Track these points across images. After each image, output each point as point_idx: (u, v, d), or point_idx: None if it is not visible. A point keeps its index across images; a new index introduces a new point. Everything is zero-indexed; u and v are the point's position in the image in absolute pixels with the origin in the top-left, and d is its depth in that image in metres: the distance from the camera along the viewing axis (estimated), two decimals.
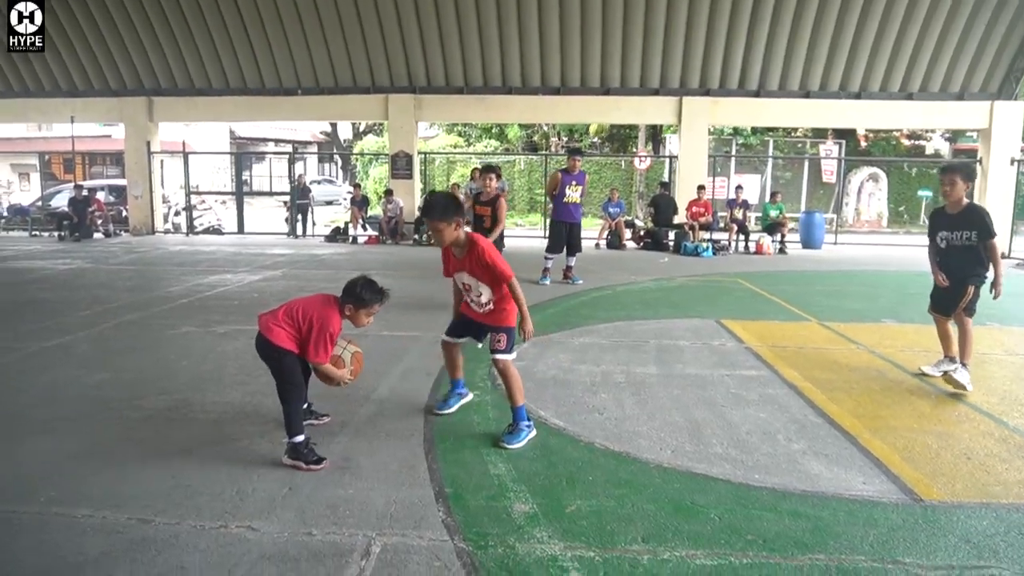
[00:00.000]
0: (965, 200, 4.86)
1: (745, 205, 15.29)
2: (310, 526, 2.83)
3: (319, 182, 33.25)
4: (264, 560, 2.57)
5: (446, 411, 4.22)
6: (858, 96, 15.72)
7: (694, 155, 15.98)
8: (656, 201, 15.67)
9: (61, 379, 4.89)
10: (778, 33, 14.99)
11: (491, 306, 3.89)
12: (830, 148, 24.26)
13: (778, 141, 25.79)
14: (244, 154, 23.54)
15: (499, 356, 3.82)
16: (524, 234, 18.67)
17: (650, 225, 15.66)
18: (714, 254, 13.64)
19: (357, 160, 30.35)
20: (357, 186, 18.63)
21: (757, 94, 15.76)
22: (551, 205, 9.53)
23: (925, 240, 5.25)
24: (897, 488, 3.30)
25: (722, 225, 15.41)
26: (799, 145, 26.58)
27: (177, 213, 19.00)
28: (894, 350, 5.91)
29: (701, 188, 15.07)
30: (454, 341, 4.18)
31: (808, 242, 15.76)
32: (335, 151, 38.29)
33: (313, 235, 17.45)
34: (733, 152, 24.11)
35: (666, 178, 18.08)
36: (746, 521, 2.94)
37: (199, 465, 3.42)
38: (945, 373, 4.89)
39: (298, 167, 18.80)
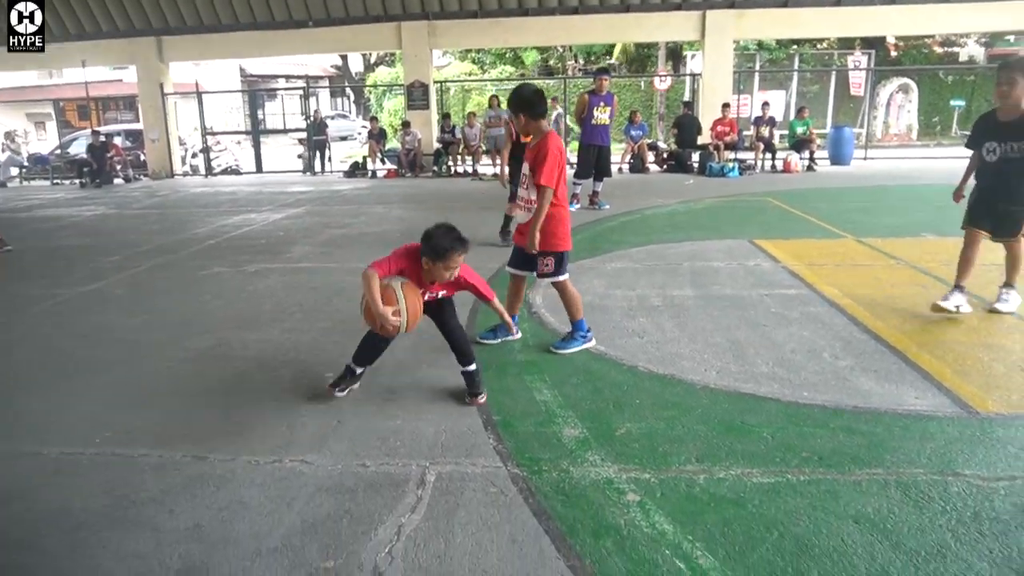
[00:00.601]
0: None
1: (771, 122, 14.84)
2: (363, 457, 2.85)
3: (332, 117, 32.84)
4: (321, 492, 2.59)
5: (490, 341, 4.20)
6: (892, 0, 14.98)
7: (718, 72, 15.45)
8: (679, 122, 15.25)
9: (102, 323, 4.93)
10: None
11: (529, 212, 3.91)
12: (859, 59, 23.33)
13: (804, 54, 24.85)
14: (257, 91, 23.19)
15: (552, 279, 3.96)
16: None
17: (673, 147, 15.31)
18: (741, 174, 13.34)
19: (371, 93, 29.82)
20: (374, 119, 18.35)
21: (785, 3, 15.09)
22: (579, 129, 9.30)
23: (957, 152, 4.87)
24: (951, 402, 3.24)
25: (748, 144, 15.02)
26: (826, 57, 25.61)
27: (194, 155, 18.91)
28: (936, 264, 5.77)
29: (726, 106, 14.62)
30: (518, 273, 4.15)
31: (837, 158, 15.34)
32: (347, 85, 37.64)
33: (332, 171, 17.32)
34: (757, 68, 23.32)
35: (688, 97, 17.58)
36: (799, 439, 2.91)
37: (247, 402, 3.44)
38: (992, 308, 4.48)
39: (311, 103, 18.48)
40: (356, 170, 16.34)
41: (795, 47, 24.48)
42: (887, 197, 10.07)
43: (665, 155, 15.27)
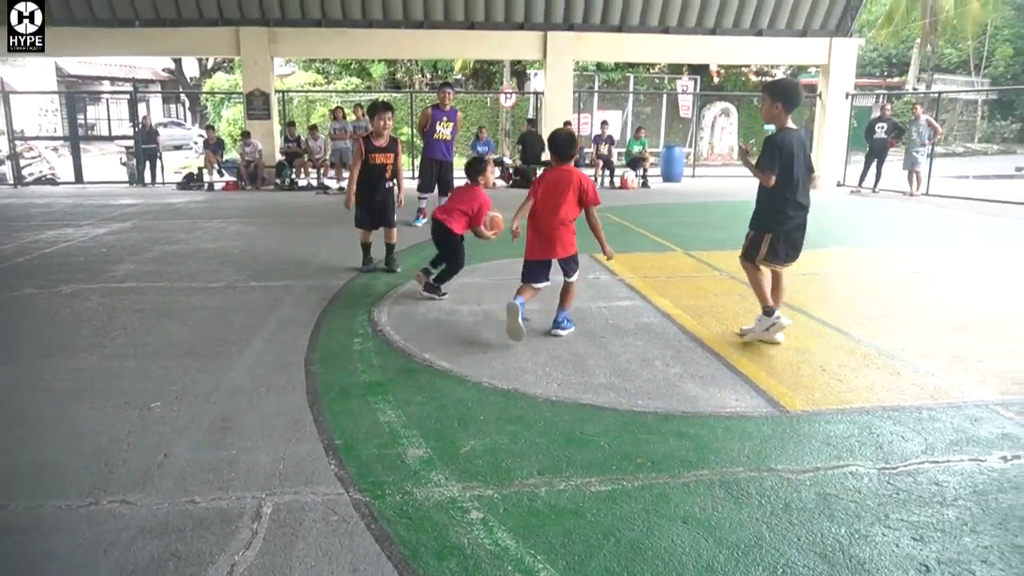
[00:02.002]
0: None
1: (610, 141, 15.63)
2: (192, 493, 2.67)
3: (165, 125, 30.77)
4: (144, 535, 2.40)
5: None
6: (713, 32, 16.27)
7: (560, 91, 16.05)
8: (524, 138, 15.70)
9: None
10: None
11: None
12: (686, 84, 25.15)
13: (638, 77, 26.43)
14: (77, 93, 21.26)
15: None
16: None
17: (519, 162, 15.71)
18: None
19: (207, 100, 28.25)
20: (210, 128, 17.37)
21: (619, 29, 15.96)
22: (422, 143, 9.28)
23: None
24: (765, 402, 3.55)
25: (588, 161, 15.71)
26: (657, 81, 27.38)
27: (0, 162, 17.01)
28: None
29: (567, 124, 15.21)
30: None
31: (669, 175, 16.40)
32: (181, 90, 35.43)
33: (163, 183, 16.20)
34: (596, 88, 24.48)
35: (532, 115, 18.12)
36: (634, 445, 3.06)
37: (58, 440, 3.13)
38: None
39: (140, 108, 17.20)
40: (191, 182, 15.39)
41: (630, 70, 25.97)
42: (711, 212, 10.89)
43: (511, 171, 15.63)
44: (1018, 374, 3.96)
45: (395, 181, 6.27)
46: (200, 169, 15.76)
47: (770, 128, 4.54)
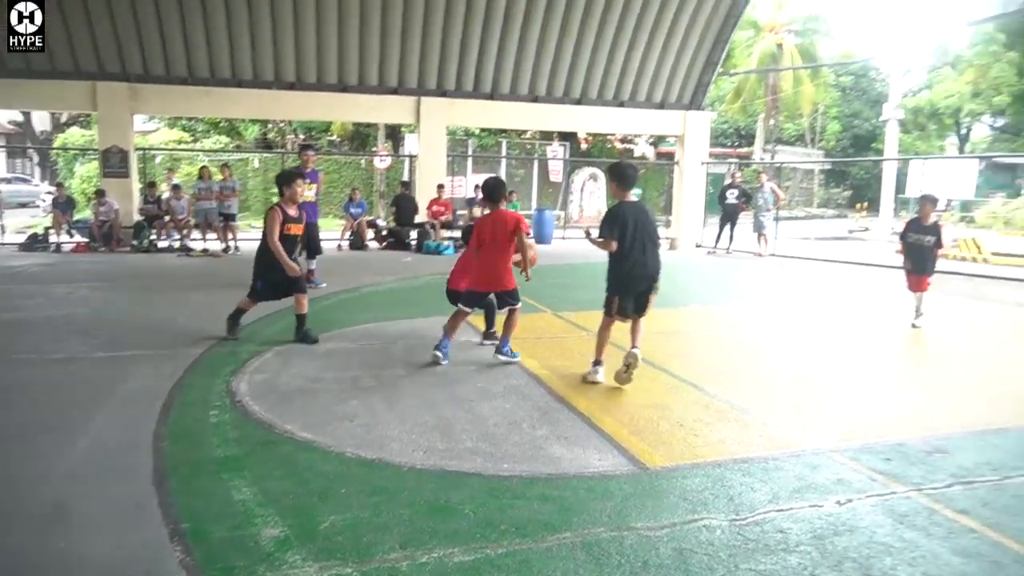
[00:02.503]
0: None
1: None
2: None
3: (9, 180, 28.55)
4: None
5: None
6: (579, 102, 17.14)
7: (433, 154, 16.30)
8: (397, 201, 15.75)
9: None
10: (508, 40, 15.82)
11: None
12: (556, 149, 26.22)
13: (511, 142, 27.31)
14: None
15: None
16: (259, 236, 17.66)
17: (392, 225, 15.70)
18: (455, 251, 14.06)
19: (59, 156, 26.48)
20: (60, 185, 16.26)
21: (491, 97, 16.49)
22: None
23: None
24: (627, 460, 3.65)
25: (461, 223, 15.92)
26: (529, 146, 28.39)
27: None
28: (619, 334, 6.52)
29: (440, 187, 15.44)
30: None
31: (540, 237, 16.87)
32: (29, 145, 33.05)
33: (3, 243, 14.90)
34: (470, 152, 25.06)
35: (406, 177, 18.24)
36: (499, 512, 3.05)
37: None
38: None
39: None
40: (35, 243, 14.23)
41: (503, 135, 26.81)
42: (580, 274, 11.25)
43: (384, 232, 15.58)
44: (852, 422, 4.31)
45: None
46: (47, 229, 14.64)
47: (636, 192, 5.10)
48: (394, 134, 26.80)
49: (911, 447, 3.89)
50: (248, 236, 16.18)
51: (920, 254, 7.36)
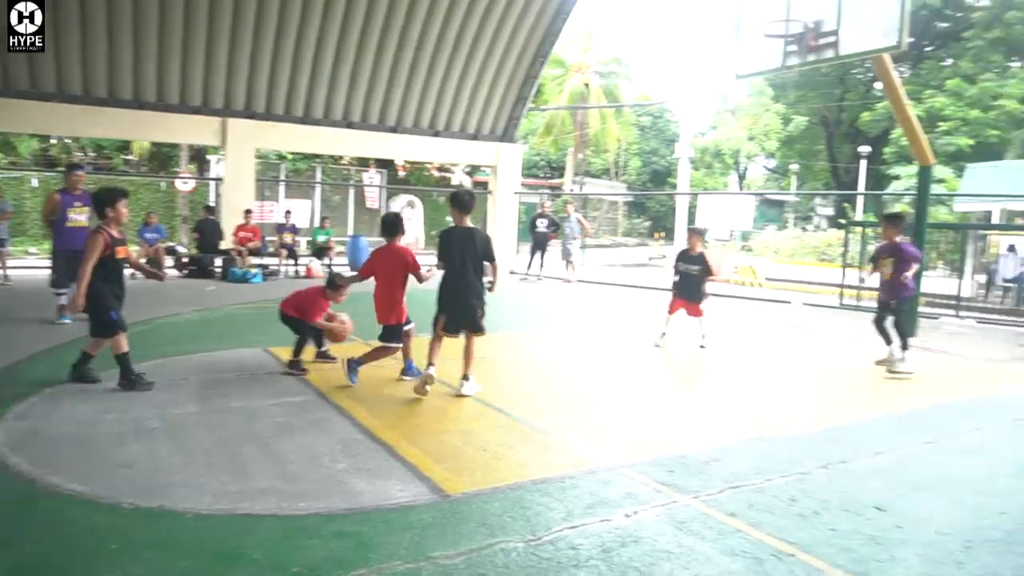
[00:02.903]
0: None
1: (294, 230, 15.40)
2: None
3: None
4: None
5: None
6: (394, 130, 17.15)
7: (240, 178, 15.51)
8: (200, 226, 14.79)
9: None
10: (321, 63, 15.49)
11: None
12: (373, 176, 26.02)
13: (326, 167, 26.69)
14: None
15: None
16: (38, 263, 15.80)
17: (194, 251, 14.70)
18: (263, 280, 13.43)
19: None
20: None
21: (303, 121, 16.04)
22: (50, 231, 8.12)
23: None
24: (428, 489, 3.63)
25: (272, 250, 15.27)
26: (345, 172, 27.92)
27: None
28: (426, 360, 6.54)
29: (248, 212, 14.72)
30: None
31: (355, 264, 16.55)
32: None
33: None
34: (282, 177, 24.15)
35: (212, 201, 17.22)
36: (292, 553, 2.91)
37: None
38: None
39: None
40: None
41: (317, 160, 26.15)
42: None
43: (186, 259, 14.54)
44: (643, 438, 4.61)
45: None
46: None
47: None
48: (200, 155, 25.23)
49: (692, 458, 4.23)
50: (22, 264, 14.46)
51: (689, 282, 7.91)
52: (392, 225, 5.82)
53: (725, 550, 3.08)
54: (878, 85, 27.35)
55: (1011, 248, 14.69)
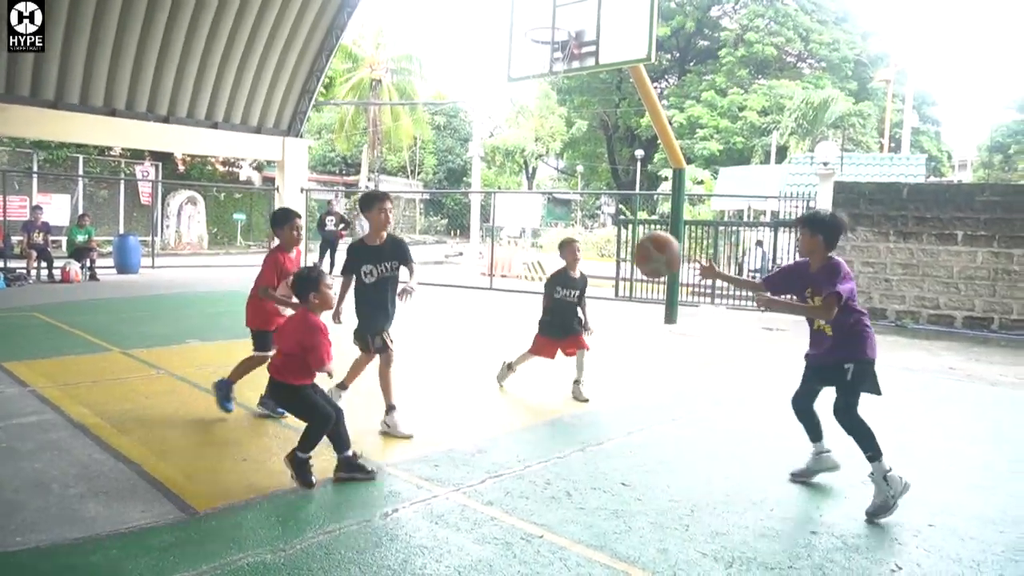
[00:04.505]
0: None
1: (46, 228, 13.70)
2: None
3: None
4: None
5: None
6: (167, 120, 15.85)
7: None
8: None
9: None
10: (75, 39, 13.87)
11: None
12: (147, 170, 23.86)
13: (90, 159, 24.00)
14: None
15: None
16: None
17: None
18: (8, 285, 11.82)
19: None
20: None
21: (54, 106, 14.31)
22: None
23: (243, 260, 5.40)
24: (175, 507, 3.39)
25: (18, 251, 13.46)
26: (114, 164, 25.31)
27: None
28: (192, 369, 6.13)
29: None
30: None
31: (124, 267, 15.11)
32: None
33: None
34: (36, 169, 21.38)
35: None
36: None
37: None
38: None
39: None
40: None
41: (80, 150, 23.44)
42: (164, 306, 10.36)
43: None
44: (415, 435, 4.64)
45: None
46: None
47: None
48: None
49: (458, 452, 4.33)
50: None
51: (566, 312, 5.88)
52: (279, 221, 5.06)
53: (478, 539, 3.19)
54: None
55: (758, 243, 16.71)
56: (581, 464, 4.23)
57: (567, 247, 5.92)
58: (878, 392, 3.76)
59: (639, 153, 36.62)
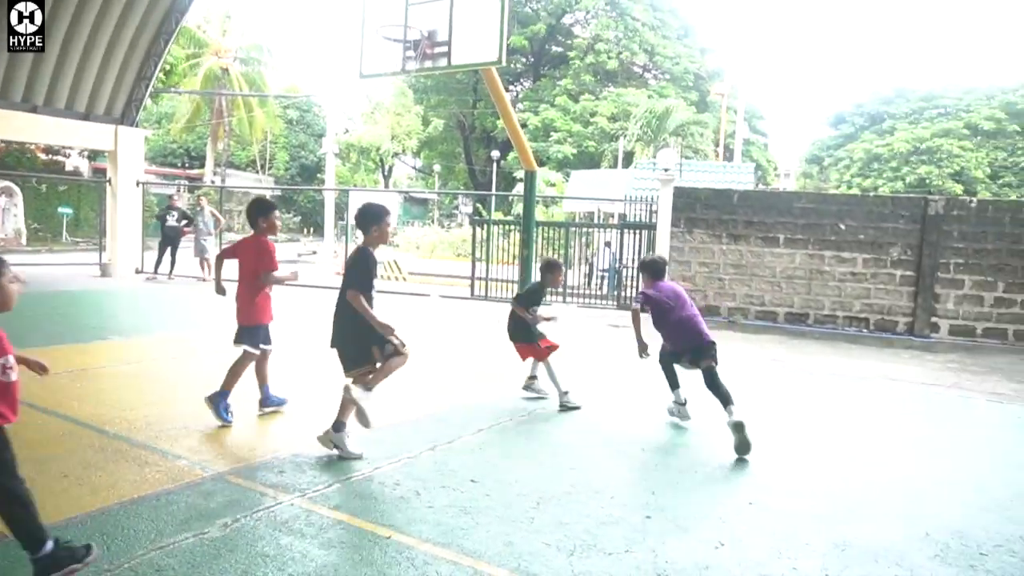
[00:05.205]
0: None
1: None
2: None
3: None
4: None
5: None
6: None
7: None
8: None
9: None
10: None
11: None
12: None
13: None
14: None
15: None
16: None
17: None
18: None
19: None
20: None
21: None
22: None
23: (67, 258, 4.99)
24: None
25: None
26: None
27: None
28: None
29: None
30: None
31: None
32: None
33: None
34: None
35: None
36: None
37: None
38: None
39: None
40: None
41: None
42: None
43: None
44: (256, 441, 4.47)
45: None
46: None
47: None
48: None
49: (304, 456, 4.22)
50: None
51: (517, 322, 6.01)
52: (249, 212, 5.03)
53: (324, 543, 3.13)
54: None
55: (607, 244, 17.46)
56: (431, 463, 4.26)
57: (556, 271, 6.08)
58: None
59: (495, 154, 37.15)
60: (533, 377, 6.08)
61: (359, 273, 4.17)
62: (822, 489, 4.11)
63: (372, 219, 4.24)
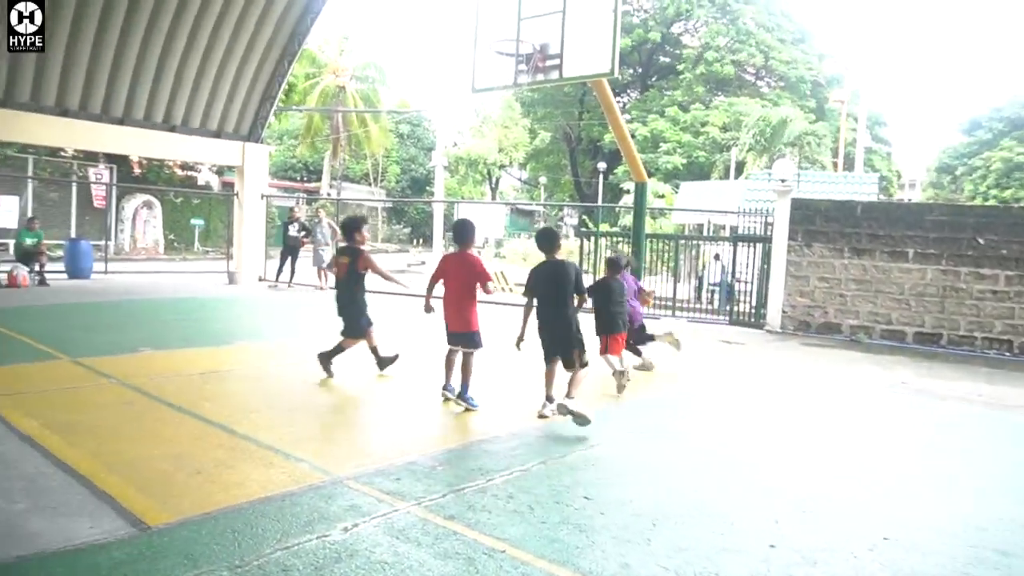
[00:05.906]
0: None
1: None
2: None
3: None
4: None
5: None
6: (121, 122, 15.46)
7: None
8: None
9: None
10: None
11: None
12: (100, 172, 23.29)
13: (40, 160, 23.29)
14: None
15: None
16: None
17: None
18: None
19: None
20: None
21: (3, 104, 13.86)
22: None
23: (200, 267, 5.40)
24: (126, 523, 3.28)
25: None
26: (66, 166, 24.62)
27: None
28: (145, 379, 5.96)
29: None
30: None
31: (75, 272, 14.69)
32: None
33: None
34: None
35: None
36: None
37: None
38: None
39: None
40: None
41: (30, 150, 22.74)
42: (118, 312, 10.09)
43: None
44: (373, 447, 4.58)
45: None
46: None
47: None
48: None
49: (419, 464, 4.28)
50: None
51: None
52: (457, 232, 5.99)
53: (439, 554, 3.15)
54: None
55: (716, 257, 16.97)
56: (543, 477, 4.22)
57: (612, 267, 6.84)
58: None
59: (602, 165, 36.96)
60: (626, 369, 6.49)
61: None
62: (963, 527, 3.77)
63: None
